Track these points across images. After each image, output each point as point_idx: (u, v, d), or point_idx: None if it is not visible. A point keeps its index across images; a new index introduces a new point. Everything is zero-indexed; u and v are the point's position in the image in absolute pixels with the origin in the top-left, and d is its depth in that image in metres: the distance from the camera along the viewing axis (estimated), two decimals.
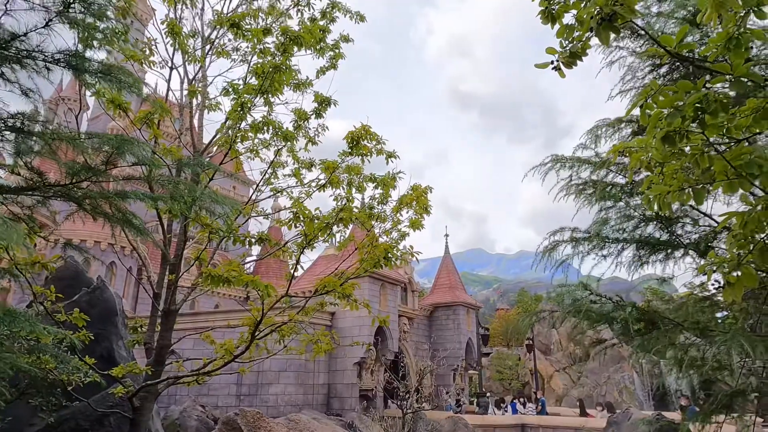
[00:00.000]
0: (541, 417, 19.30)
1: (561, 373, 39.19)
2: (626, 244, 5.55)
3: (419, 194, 6.31)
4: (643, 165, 3.14)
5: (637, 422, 7.71)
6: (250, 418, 2.44)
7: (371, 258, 5.06)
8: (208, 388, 19.48)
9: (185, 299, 6.92)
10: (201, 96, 7.41)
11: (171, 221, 7.08)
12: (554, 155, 6.02)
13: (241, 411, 2.49)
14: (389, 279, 24.38)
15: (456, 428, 7.13)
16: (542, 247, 5.51)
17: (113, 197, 3.33)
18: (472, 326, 29.72)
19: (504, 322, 59.30)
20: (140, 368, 6.14)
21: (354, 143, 6.39)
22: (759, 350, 3.91)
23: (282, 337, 6.70)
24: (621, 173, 6.23)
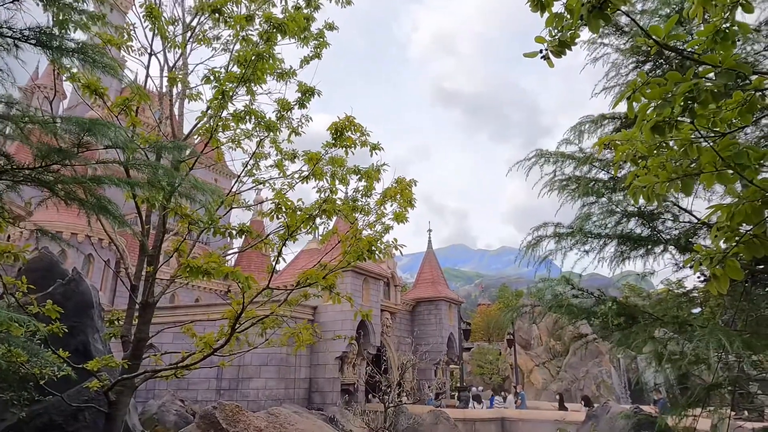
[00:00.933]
0: (520, 411, 19.51)
1: (541, 367, 39.70)
2: (608, 240, 5.58)
3: (404, 187, 6.26)
4: (629, 158, 3.13)
5: (615, 416, 7.82)
6: (228, 412, 2.38)
7: (355, 251, 5.00)
8: (187, 383, 19.25)
9: (163, 292, 6.78)
10: (181, 84, 7.24)
11: (149, 212, 6.93)
12: (538, 150, 6.03)
13: (220, 404, 2.43)
14: (372, 273, 24.35)
15: (437, 422, 7.14)
16: (525, 242, 5.51)
17: (87, 182, 3.20)
18: (454, 321, 29.88)
19: (485, 318, 59.76)
20: (116, 362, 6.00)
21: (338, 134, 6.31)
22: (736, 345, 3.96)
23: (264, 330, 6.62)
24: (604, 169, 6.26)
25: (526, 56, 2.65)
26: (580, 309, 5.49)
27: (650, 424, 7.33)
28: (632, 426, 7.33)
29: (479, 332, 57.56)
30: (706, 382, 6.00)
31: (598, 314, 5.43)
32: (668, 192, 2.08)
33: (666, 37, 2.38)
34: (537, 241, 5.59)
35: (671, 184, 2.03)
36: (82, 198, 3.39)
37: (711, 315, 5.63)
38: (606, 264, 5.91)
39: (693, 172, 1.96)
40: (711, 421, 6.83)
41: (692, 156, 1.93)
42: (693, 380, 6.59)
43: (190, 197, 4.34)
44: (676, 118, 1.92)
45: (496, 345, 46.83)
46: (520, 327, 43.46)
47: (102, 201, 3.51)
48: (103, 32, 5.47)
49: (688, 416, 5.94)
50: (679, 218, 5.93)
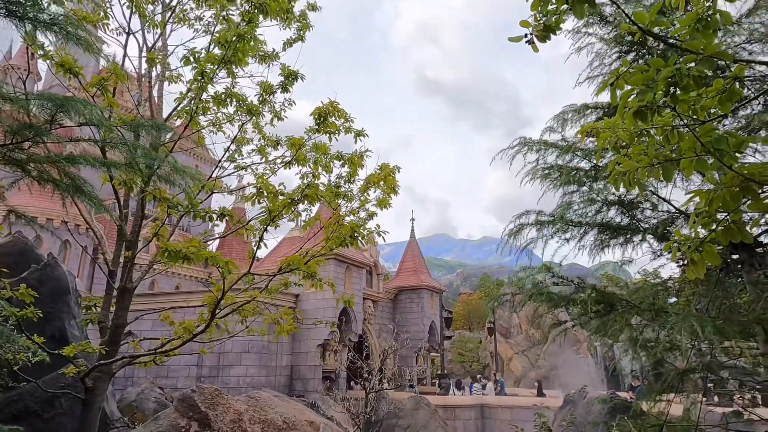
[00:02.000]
0: (500, 397, 19.82)
1: (520, 355, 40.33)
2: (588, 228, 5.65)
3: (387, 173, 6.24)
4: (610, 145, 3.15)
5: (592, 401, 7.99)
6: (207, 395, 2.35)
7: (337, 237, 4.97)
8: (167, 370, 19.09)
9: (142, 277, 6.67)
10: (161, 66, 7.08)
11: (128, 196, 6.79)
12: (522, 138, 6.04)
13: (198, 387, 2.41)
14: (355, 262, 24.35)
15: (418, 407, 7.20)
16: (507, 230, 5.54)
17: (61, 161, 3.09)
18: (435, 309, 30.12)
19: (467, 306, 60.39)
20: (93, 347, 5.90)
21: (321, 120, 6.24)
22: (708, 330, 4.05)
23: (244, 317, 6.57)
24: (586, 158, 6.31)
25: (511, 40, 2.63)
26: (560, 297, 5.57)
27: (625, 408, 7.51)
28: (608, 410, 7.50)
29: (460, 321, 58.18)
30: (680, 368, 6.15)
31: (577, 302, 5.50)
32: (649, 178, 2.10)
33: (649, 23, 2.39)
34: (519, 229, 5.63)
35: (652, 169, 2.04)
36: (56, 178, 3.28)
37: (686, 303, 5.76)
38: (586, 252, 5.99)
39: (673, 157, 1.97)
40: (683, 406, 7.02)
41: (673, 142, 1.94)
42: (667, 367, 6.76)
43: (169, 180, 4.25)
44: (658, 103, 1.93)
45: (476, 333, 47.40)
46: (500, 315, 44.01)
47: (77, 182, 3.40)
48: (79, 9, 5.30)
49: (661, 401, 6.10)
50: (657, 207, 6.02)
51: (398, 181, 6.90)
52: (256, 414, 2.60)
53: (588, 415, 7.88)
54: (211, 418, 2.46)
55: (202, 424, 2.37)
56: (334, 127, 6.38)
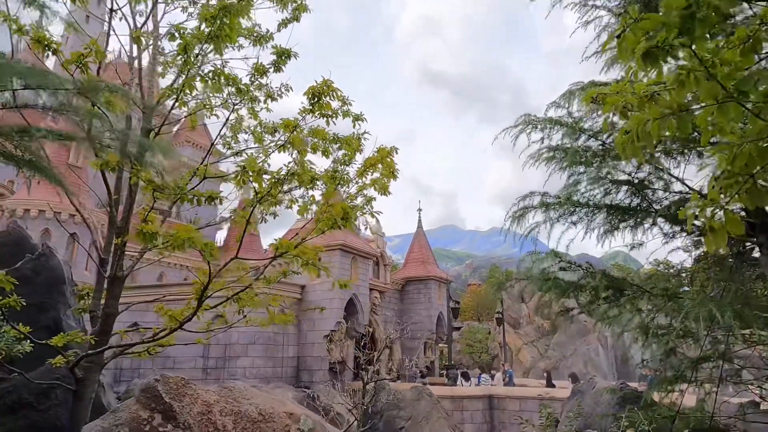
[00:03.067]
0: (508, 388, 19.59)
1: (529, 346, 40.07)
2: (597, 210, 5.35)
3: (384, 155, 5.96)
4: (618, 110, 2.87)
5: (601, 391, 7.72)
6: (172, 385, 2.17)
7: (328, 218, 4.71)
8: (173, 362, 19.08)
9: (133, 265, 6.49)
10: (152, 49, 6.84)
11: (119, 182, 6.60)
12: (526, 115, 5.74)
13: (162, 377, 2.23)
14: (361, 252, 24.16)
15: (420, 398, 7.01)
16: (510, 213, 5.26)
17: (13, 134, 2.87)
18: (443, 300, 29.87)
19: (475, 297, 60.09)
20: (82, 337, 5.72)
21: (315, 99, 5.97)
22: (727, 316, 3.76)
23: (241, 307, 6.37)
24: (593, 137, 6.00)
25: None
26: (568, 283, 5.29)
27: (636, 398, 7.23)
28: (617, 401, 7.23)
29: (469, 312, 57.91)
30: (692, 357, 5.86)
31: (585, 288, 5.22)
32: (662, 132, 1.81)
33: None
34: (522, 213, 5.34)
35: (664, 122, 1.75)
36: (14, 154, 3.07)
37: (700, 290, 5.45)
38: (594, 236, 5.69)
39: (690, 106, 1.68)
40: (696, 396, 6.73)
41: (690, 88, 1.66)
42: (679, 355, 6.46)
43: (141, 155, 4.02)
44: (671, 42, 1.64)
45: (485, 324, 47.16)
46: (509, 306, 43.72)
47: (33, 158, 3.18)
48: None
49: (674, 391, 5.82)
50: (670, 187, 5.70)
51: (397, 164, 6.64)
52: (227, 405, 2.38)
53: (597, 406, 7.60)
54: (176, 410, 2.24)
55: (165, 416, 2.16)
56: (329, 108, 6.11)
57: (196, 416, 2.30)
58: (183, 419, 2.27)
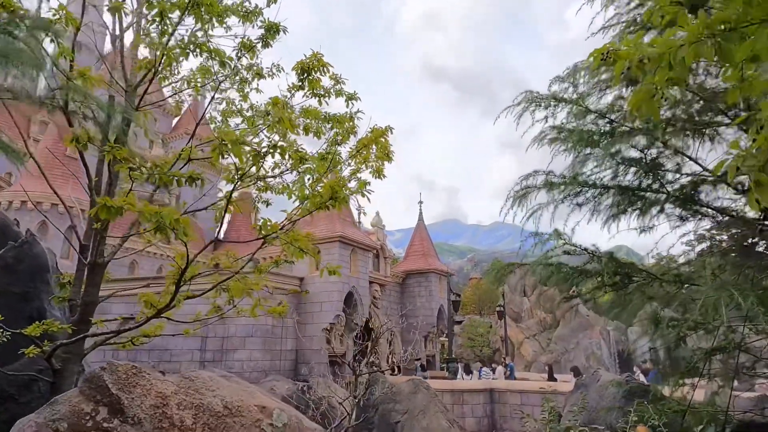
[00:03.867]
0: (509, 382, 19.32)
1: (531, 339, 39.80)
2: (604, 191, 5.01)
3: (378, 135, 5.63)
4: (634, 63, 2.53)
5: (605, 385, 7.41)
6: (122, 374, 1.89)
7: (315, 197, 4.38)
8: (170, 354, 18.84)
9: (114, 252, 6.18)
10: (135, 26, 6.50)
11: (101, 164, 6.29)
12: (528, 92, 5.38)
13: (110, 365, 1.96)
14: (361, 244, 23.86)
15: (416, 391, 6.73)
16: (512, 192, 4.91)
17: None
18: (444, 293, 29.57)
19: (477, 291, 59.80)
20: (59, 326, 5.43)
21: (305, 75, 5.64)
22: (750, 300, 3.43)
23: (231, 297, 6.08)
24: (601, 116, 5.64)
25: None
26: (572, 269, 4.95)
27: (643, 392, 6.91)
28: (623, 394, 6.91)
29: (471, 305, 57.64)
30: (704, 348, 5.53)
31: (591, 274, 4.89)
32: (695, 62, 1.48)
33: None
34: (525, 192, 5.00)
35: (701, 48, 1.41)
36: None
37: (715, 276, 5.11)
38: (600, 219, 5.35)
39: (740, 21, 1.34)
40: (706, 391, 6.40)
41: (738, 3, 1.32)
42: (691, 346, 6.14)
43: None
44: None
45: (487, 318, 46.91)
46: (510, 300, 43.41)
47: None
48: None
49: (684, 385, 5.50)
50: (681, 169, 5.35)
51: (392, 146, 6.32)
52: (187, 398, 2.07)
53: (601, 400, 7.29)
54: (125, 403, 1.94)
55: (112, 409, 1.86)
56: (319, 86, 5.78)
57: (148, 410, 1.99)
58: (132, 413, 1.96)
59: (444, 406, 7.21)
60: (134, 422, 1.98)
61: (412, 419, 6.45)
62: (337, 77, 6.70)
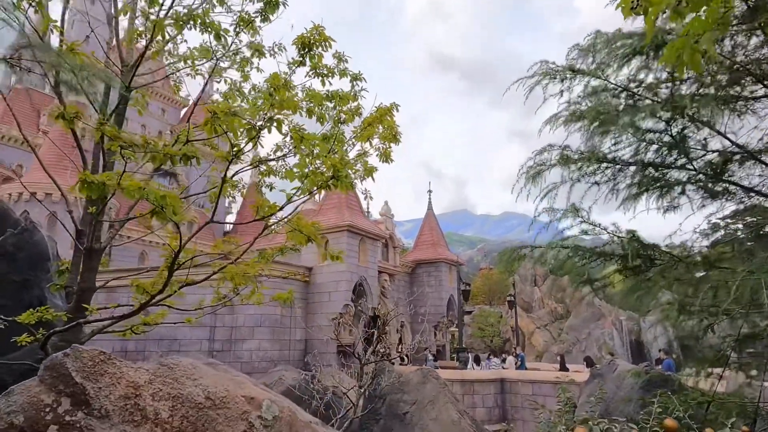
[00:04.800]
0: (520, 372, 19.06)
1: (542, 329, 39.46)
2: (625, 168, 4.67)
3: (383, 113, 5.33)
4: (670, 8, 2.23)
5: (623, 374, 7.12)
6: (87, 361, 1.67)
7: (314, 177, 4.10)
8: (179, 344, 18.80)
9: (112, 236, 5.98)
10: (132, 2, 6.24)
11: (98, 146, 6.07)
12: (542, 62, 5.03)
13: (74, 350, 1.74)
14: (369, 234, 23.61)
15: (425, 381, 6.48)
16: (525, 168, 4.59)
17: None
18: (453, 283, 29.30)
19: (487, 281, 59.51)
20: (53, 314, 5.24)
21: (306, 50, 5.34)
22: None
23: (236, 285, 5.86)
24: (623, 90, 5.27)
25: None
26: (590, 251, 4.64)
27: (662, 382, 6.60)
28: (642, 385, 6.62)
29: (481, 296, 57.41)
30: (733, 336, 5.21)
31: (610, 255, 4.58)
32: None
33: None
34: (539, 170, 4.68)
35: None
36: None
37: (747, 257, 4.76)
38: (619, 199, 5.02)
39: None
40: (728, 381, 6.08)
41: None
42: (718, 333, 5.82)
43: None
44: None
45: (497, 308, 46.64)
46: (521, 290, 43.05)
47: None
48: None
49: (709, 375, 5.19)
50: (708, 145, 4.99)
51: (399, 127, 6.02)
52: (164, 388, 1.84)
53: (618, 390, 7.00)
54: (90, 393, 1.70)
55: (76, 400, 1.63)
56: (320, 62, 5.47)
57: (117, 401, 1.75)
58: (99, 405, 1.72)
59: (454, 397, 6.96)
60: (101, 415, 1.73)
61: (420, 410, 6.21)
62: (341, 55, 6.41)
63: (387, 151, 6.37)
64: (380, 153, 6.37)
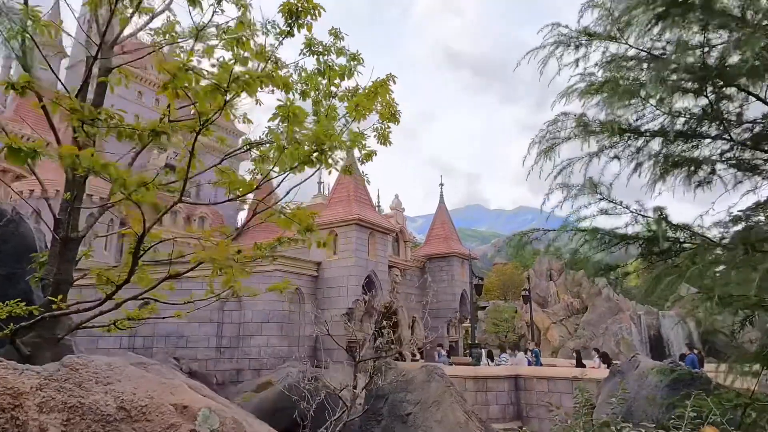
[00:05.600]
0: (536, 368, 18.47)
1: (558, 325, 38.64)
2: (650, 139, 4.13)
3: (377, 85, 4.83)
4: None
5: (646, 371, 6.56)
6: None
7: (294, 152, 3.62)
8: (186, 341, 18.54)
9: (90, 225, 5.58)
10: None
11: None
12: (554, 25, 4.48)
13: None
14: (379, 227, 23.14)
15: (430, 379, 6.02)
16: (537, 139, 4.06)
17: None
18: (466, 277, 28.72)
19: (501, 276, 58.75)
20: (23, 308, 4.86)
21: (293, 18, 4.85)
22: None
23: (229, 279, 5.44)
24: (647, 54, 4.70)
25: None
26: (610, 233, 4.11)
27: (690, 381, 6.04)
28: (668, 383, 6.07)
29: (495, 291, 56.66)
30: None
31: (633, 239, 4.04)
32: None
33: None
34: (552, 144, 4.15)
35: None
36: None
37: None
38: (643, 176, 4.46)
39: None
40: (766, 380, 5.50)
41: None
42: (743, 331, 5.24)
43: None
44: None
45: (511, 303, 45.91)
46: (536, 285, 42.24)
47: None
48: None
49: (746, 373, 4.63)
50: (743, 115, 4.41)
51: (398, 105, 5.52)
52: (59, 395, 1.41)
53: (641, 390, 6.44)
54: None
55: None
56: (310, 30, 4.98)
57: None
58: None
59: (461, 396, 6.46)
60: None
61: (424, 411, 5.73)
62: (337, 32, 5.93)
63: (385, 132, 5.88)
64: (378, 134, 5.90)
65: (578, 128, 3.97)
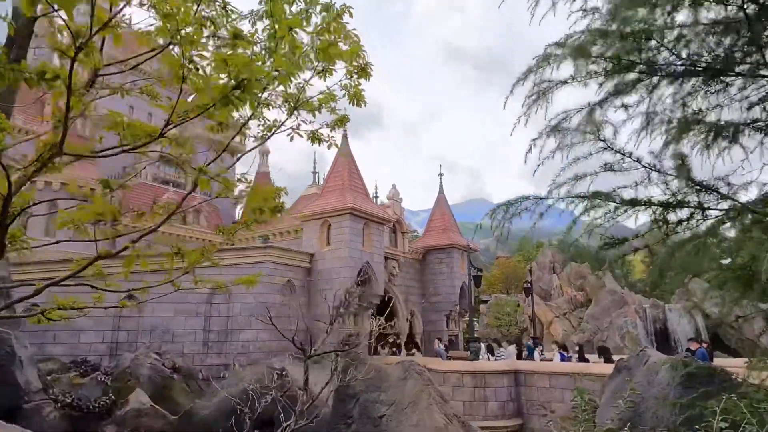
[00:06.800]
0: (537, 363, 17.70)
1: (561, 318, 37.82)
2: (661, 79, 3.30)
3: (329, 21, 3.97)
4: None
5: (655, 367, 5.77)
6: None
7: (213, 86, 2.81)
8: (172, 335, 17.85)
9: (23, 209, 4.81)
10: None
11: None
12: None
13: None
14: (374, 217, 22.35)
15: (407, 376, 5.29)
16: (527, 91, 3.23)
17: None
18: (466, 270, 27.95)
19: (504, 270, 57.97)
20: None
21: None
22: None
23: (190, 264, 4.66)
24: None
25: None
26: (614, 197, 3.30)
27: (708, 377, 5.24)
28: (681, 380, 5.29)
29: (498, 284, 55.88)
30: None
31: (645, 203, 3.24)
32: None
33: None
34: (546, 88, 3.33)
35: None
36: None
37: None
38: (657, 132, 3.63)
39: None
40: None
41: None
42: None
43: None
44: None
45: (513, 296, 45.13)
46: (539, 277, 41.41)
47: None
48: None
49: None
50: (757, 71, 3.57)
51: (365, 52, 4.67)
52: None
53: (650, 387, 5.66)
54: None
55: None
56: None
57: None
58: None
59: (441, 396, 5.70)
60: None
61: (399, 413, 4.98)
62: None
63: (357, 90, 5.04)
64: (348, 93, 5.07)
65: (576, 57, 3.14)
